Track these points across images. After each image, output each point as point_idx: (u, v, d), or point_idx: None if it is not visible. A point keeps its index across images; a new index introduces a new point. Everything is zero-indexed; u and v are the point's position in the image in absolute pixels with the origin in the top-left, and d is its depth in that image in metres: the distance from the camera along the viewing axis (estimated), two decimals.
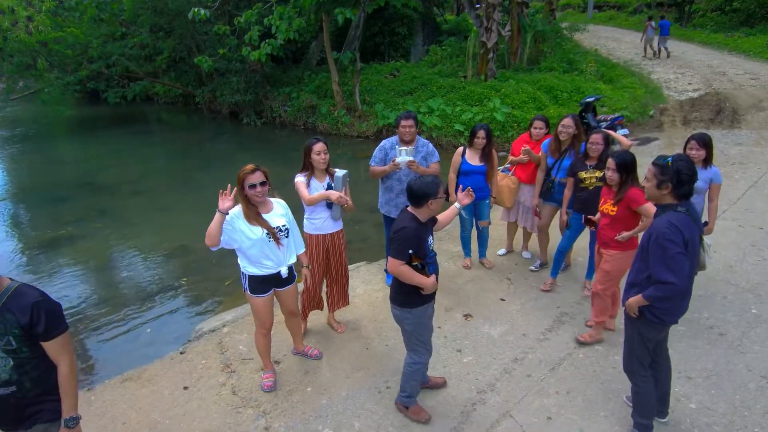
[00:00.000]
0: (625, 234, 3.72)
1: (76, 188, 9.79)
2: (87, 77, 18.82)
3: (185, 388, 3.61)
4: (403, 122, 4.48)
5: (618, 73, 15.21)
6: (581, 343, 3.98)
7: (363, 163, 9.37)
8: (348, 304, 4.34)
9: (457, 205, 3.35)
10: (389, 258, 2.95)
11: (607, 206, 3.78)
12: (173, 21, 16.82)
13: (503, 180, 5.21)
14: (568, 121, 4.66)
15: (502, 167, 5.39)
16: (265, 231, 3.22)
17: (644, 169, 2.84)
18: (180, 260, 6.39)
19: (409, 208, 3.00)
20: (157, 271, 6.16)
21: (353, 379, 3.64)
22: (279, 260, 3.33)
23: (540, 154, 4.95)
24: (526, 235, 5.57)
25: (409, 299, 3.03)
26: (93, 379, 3.94)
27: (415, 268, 2.93)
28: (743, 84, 14.50)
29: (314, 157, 3.83)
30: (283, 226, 3.32)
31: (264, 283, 3.35)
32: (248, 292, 3.37)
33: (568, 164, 4.62)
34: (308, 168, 3.87)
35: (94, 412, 3.45)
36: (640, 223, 3.72)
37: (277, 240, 3.27)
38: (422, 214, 2.96)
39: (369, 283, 5.08)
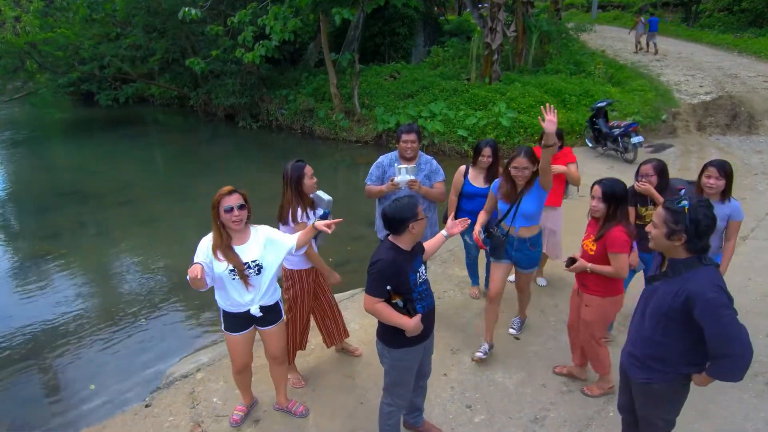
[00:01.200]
0: (579, 264, 3.06)
1: (59, 197, 9.23)
2: (79, 79, 18.29)
3: None
4: (404, 137, 3.93)
5: (626, 75, 14.66)
6: (587, 396, 3.47)
7: (362, 170, 8.85)
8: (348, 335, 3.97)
9: (444, 232, 2.97)
10: (365, 294, 2.60)
11: (588, 242, 3.17)
12: (167, 21, 16.29)
13: None
14: (522, 162, 3.44)
15: None
16: (230, 267, 2.75)
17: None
18: (159, 284, 5.83)
19: (389, 237, 2.64)
20: (130, 297, 5.59)
21: None
22: (247, 300, 2.88)
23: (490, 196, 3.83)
24: (542, 260, 4.98)
25: (390, 337, 2.67)
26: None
27: (395, 306, 2.56)
28: (757, 87, 13.96)
29: (307, 182, 3.26)
30: (254, 262, 2.82)
31: (238, 320, 2.95)
32: (222, 328, 3.02)
33: (529, 208, 3.55)
34: (301, 199, 3.25)
35: None
36: (611, 267, 3.02)
37: (244, 278, 2.80)
38: (404, 242, 2.60)
39: (366, 316, 4.50)
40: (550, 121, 3.12)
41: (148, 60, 18.34)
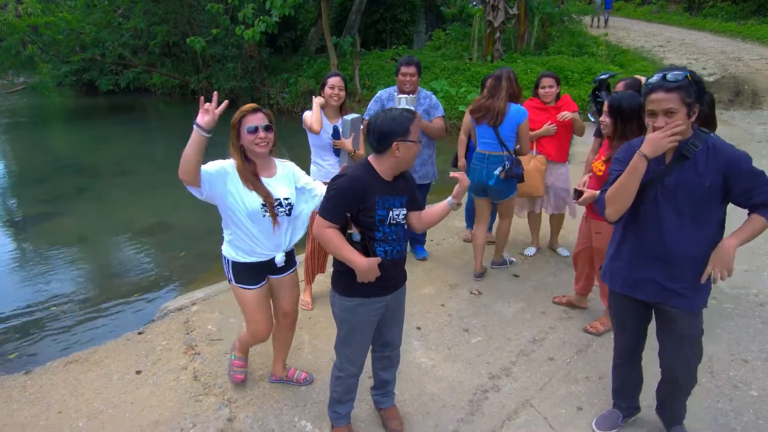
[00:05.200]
0: (587, 195, 2.74)
1: (57, 170, 9.18)
2: (81, 68, 18.25)
3: (138, 372, 3.01)
4: (403, 69, 3.88)
5: (629, 58, 14.59)
6: (592, 334, 3.25)
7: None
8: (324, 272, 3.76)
9: (450, 200, 2.22)
10: (317, 216, 2.12)
11: (597, 164, 2.91)
12: (168, 5, 16.28)
13: (530, 163, 4.04)
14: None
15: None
16: (262, 201, 2.32)
17: None
18: (156, 237, 5.81)
19: (369, 156, 2.15)
20: (129, 248, 5.58)
21: None
22: (274, 244, 2.43)
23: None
24: (556, 226, 4.45)
25: (344, 284, 2.18)
26: (34, 362, 3.34)
27: (349, 238, 2.10)
28: (760, 69, 13.88)
29: (327, 91, 3.44)
30: (286, 199, 2.40)
31: (253, 271, 2.46)
32: (233, 282, 2.49)
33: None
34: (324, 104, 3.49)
35: (27, 399, 2.85)
36: None
37: (274, 216, 2.35)
38: (384, 165, 2.08)
39: None
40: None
41: (148, 45, 18.33)
